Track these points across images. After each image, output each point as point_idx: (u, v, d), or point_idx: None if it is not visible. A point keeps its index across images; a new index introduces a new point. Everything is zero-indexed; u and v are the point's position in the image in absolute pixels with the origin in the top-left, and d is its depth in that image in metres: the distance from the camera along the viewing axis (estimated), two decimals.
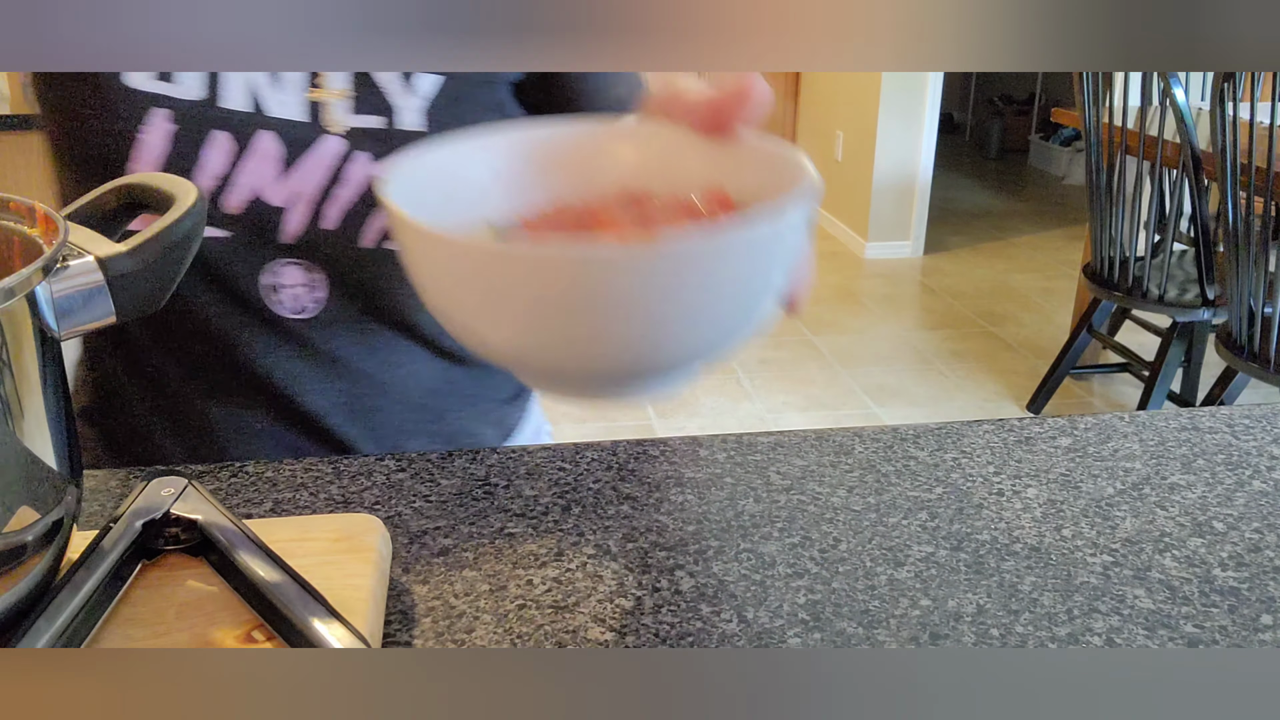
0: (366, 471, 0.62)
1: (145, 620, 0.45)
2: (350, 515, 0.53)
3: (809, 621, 0.48)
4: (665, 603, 0.50)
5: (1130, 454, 0.65)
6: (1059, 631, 0.48)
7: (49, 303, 0.41)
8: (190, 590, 0.47)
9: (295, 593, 0.44)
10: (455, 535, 0.55)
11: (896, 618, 0.49)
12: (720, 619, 0.49)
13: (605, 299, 0.41)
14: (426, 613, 0.49)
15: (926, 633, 0.48)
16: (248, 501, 0.59)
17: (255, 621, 0.44)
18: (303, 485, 0.60)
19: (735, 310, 0.44)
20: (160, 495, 0.50)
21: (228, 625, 0.44)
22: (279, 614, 0.43)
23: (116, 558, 0.46)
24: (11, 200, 0.44)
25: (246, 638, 0.44)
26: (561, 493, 0.60)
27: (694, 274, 0.41)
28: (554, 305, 0.42)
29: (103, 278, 0.42)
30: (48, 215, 0.43)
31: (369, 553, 0.49)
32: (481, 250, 0.41)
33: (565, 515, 0.57)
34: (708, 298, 0.42)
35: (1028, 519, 0.57)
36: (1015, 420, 0.69)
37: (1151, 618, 0.49)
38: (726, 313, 0.44)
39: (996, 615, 0.49)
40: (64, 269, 0.41)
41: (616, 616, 0.49)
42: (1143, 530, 0.56)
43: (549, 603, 0.50)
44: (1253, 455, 0.65)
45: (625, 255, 0.40)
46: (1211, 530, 0.57)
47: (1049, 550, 0.54)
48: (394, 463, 0.63)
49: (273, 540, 0.48)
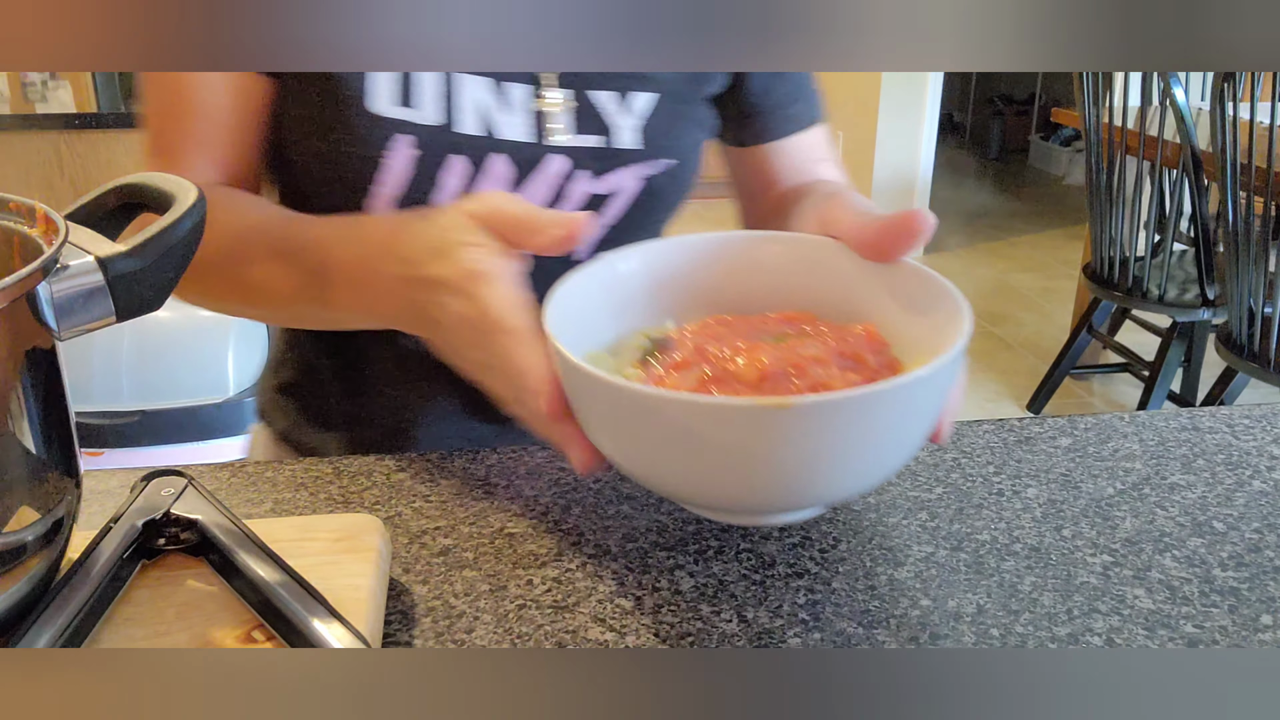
0: (366, 471, 0.62)
1: (145, 620, 0.45)
2: (350, 515, 0.53)
3: (809, 622, 0.48)
4: (665, 603, 0.50)
5: (1130, 454, 0.65)
6: (1059, 631, 0.48)
7: (49, 303, 0.41)
8: (190, 590, 0.47)
9: (295, 593, 0.44)
10: (455, 535, 0.55)
11: (896, 618, 0.49)
12: (720, 619, 0.48)
13: (743, 446, 0.42)
14: (426, 613, 0.49)
15: (926, 633, 0.48)
16: (248, 501, 0.59)
17: (255, 621, 0.44)
18: (302, 485, 0.60)
19: (874, 457, 0.45)
20: (160, 495, 0.50)
21: (228, 625, 0.44)
22: (279, 614, 0.43)
23: (116, 558, 0.46)
24: (11, 200, 0.44)
25: (246, 638, 0.44)
26: (561, 493, 0.60)
27: (831, 429, 0.42)
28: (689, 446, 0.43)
29: (103, 278, 0.42)
30: (47, 215, 0.43)
31: (369, 553, 0.49)
32: (621, 390, 0.43)
33: (565, 515, 0.57)
34: (845, 449, 0.43)
35: (1028, 519, 0.57)
36: (1015, 420, 0.69)
37: (1151, 618, 0.49)
38: (865, 459, 0.44)
39: (996, 615, 0.49)
40: (64, 269, 0.41)
41: (616, 616, 0.49)
42: (1143, 530, 0.56)
43: (549, 603, 0.50)
44: (1253, 455, 0.65)
45: (764, 410, 0.41)
46: (1211, 530, 0.57)
47: (1049, 550, 0.54)
48: (394, 463, 0.63)
49: (273, 540, 0.48)
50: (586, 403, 0.46)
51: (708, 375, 0.47)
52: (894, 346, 0.51)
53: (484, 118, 0.67)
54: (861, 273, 0.54)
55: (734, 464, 0.43)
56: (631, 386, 0.43)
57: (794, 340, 0.50)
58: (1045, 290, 4.20)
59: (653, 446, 0.44)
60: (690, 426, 0.42)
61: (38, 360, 0.41)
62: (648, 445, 0.44)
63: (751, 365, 0.47)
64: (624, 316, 0.55)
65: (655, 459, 0.45)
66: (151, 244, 0.44)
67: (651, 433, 0.43)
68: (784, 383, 0.46)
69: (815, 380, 0.46)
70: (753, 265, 0.56)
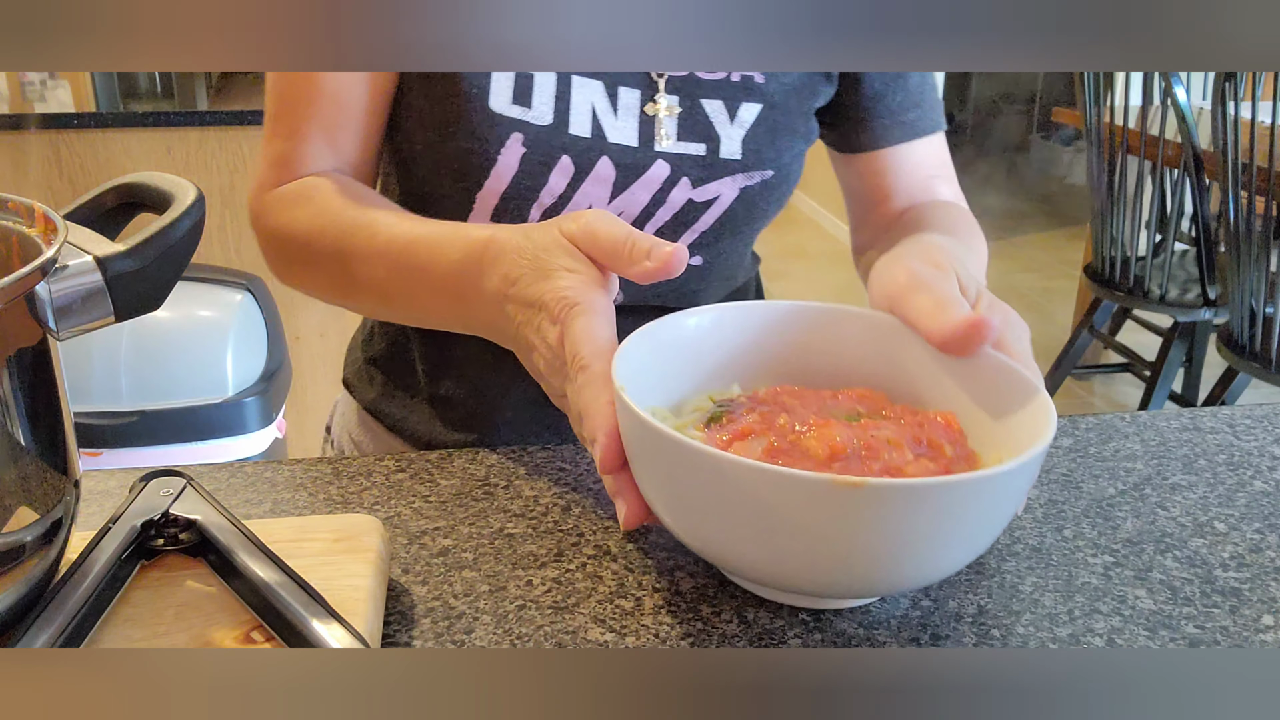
0: (366, 471, 0.62)
1: (144, 620, 0.45)
2: (350, 515, 0.53)
3: (809, 622, 0.48)
4: (665, 603, 0.50)
5: (1131, 454, 0.65)
6: (1060, 632, 0.48)
7: (48, 303, 0.41)
8: (189, 590, 0.46)
9: (294, 593, 0.44)
10: (455, 535, 0.55)
11: (897, 618, 0.49)
12: (720, 619, 0.48)
13: (806, 523, 0.41)
14: (426, 613, 0.49)
15: (927, 633, 0.48)
16: (247, 501, 0.59)
17: (254, 622, 0.44)
18: (302, 485, 0.60)
19: (940, 550, 0.43)
20: (159, 495, 0.50)
21: (227, 625, 0.44)
22: (278, 614, 0.43)
23: (116, 558, 0.46)
24: (10, 200, 0.44)
25: (245, 638, 0.44)
26: (561, 493, 0.59)
27: (901, 515, 0.40)
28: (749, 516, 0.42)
29: (101, 278, 0.42)
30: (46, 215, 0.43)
31: (368, 553, 0.49)
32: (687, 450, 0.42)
33: (565, 515, 0.57)
34: (912, 538, 0.41)
35: (1029, 519, 0.57)
36: None
37: (1153, 618, 0.49)
38: (931, 551, 0.43)
39: (997, 616, 0.49)
40: (63, 269, 0.41)
41: (616, 617, 0.49)
42: (1144, 530, 0.56)
43: (549, 603, 0.50)
44: (1254, 455, 0.65)
45: (836, 487, 0.39)
46: (1213, 530, 0.57)
47: (1050, 550, 0.54)
48: (394, 463, 0.63)
49: (272, 540, 0.48)
50: (647, 458, 0.45)
51: (775, 445, 0.46)
52: (970, 438, 0.50)
53: (595, 120, 0.68)
54: (939, 360, 0.52)
55: (794, 541, 0.42)
56: (699, 446, 0.42)
57: (867, 421, 0.48)
58: (1046, 290, 4.20)
59: (713, 512, 0.43)
60: (755, 496, 0.41)
61: (36, 360, 0.41)
62: (707, 510, 0.43)
63: (823, 441, 0.45)
64: (690, 377, 0.54)
65: (712, 525, 0.44)
66: (150, 244, 0.43)
67: (713, 497, 0.42)
68: (855, 463, 0.45)
69: (889, 464, 0.45)
70: (827, 338, 0.55)
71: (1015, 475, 0.42)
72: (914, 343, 0.53)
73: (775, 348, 0.56)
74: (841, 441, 0.45)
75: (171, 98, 2.22)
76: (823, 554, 0.42)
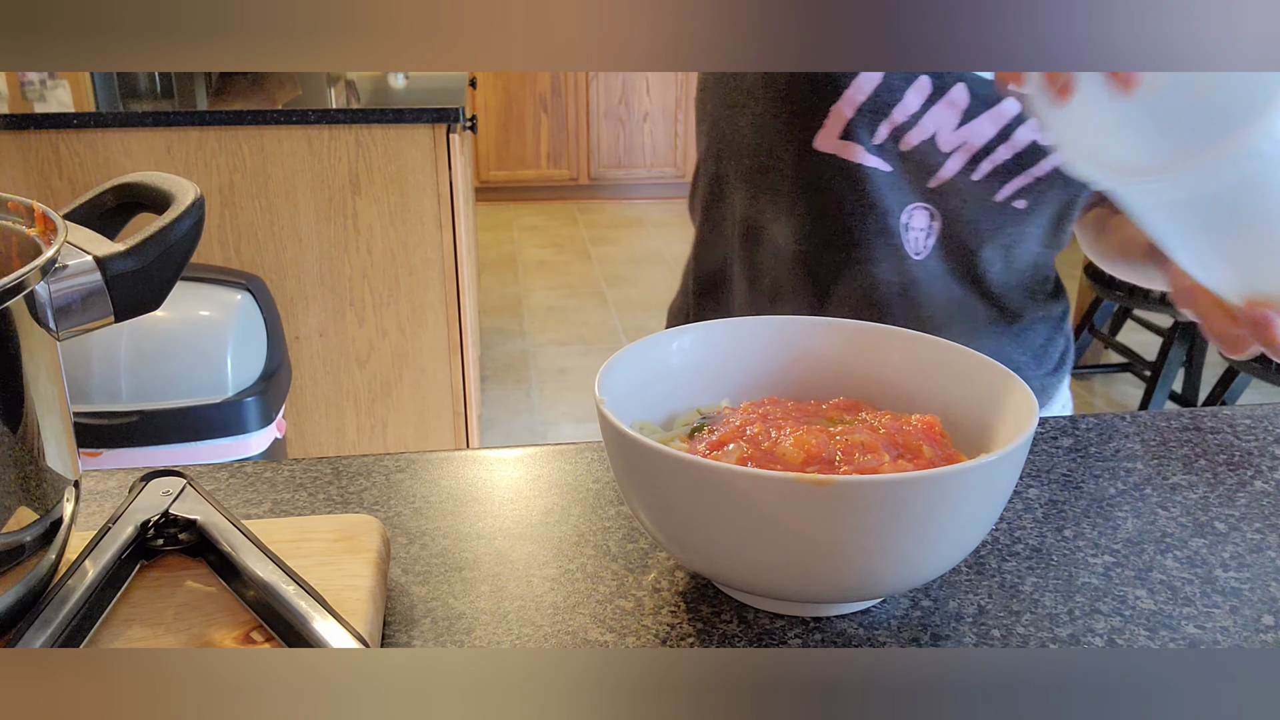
0: (366, 472, 0.62)
1: (144, 620, 0.44)
2: (349, 515, 0.53)
3: (809, 622, 0.48)
4: (665, 603, 0.50)
5: (1132, 454, 0.65)
6: (1060, 632, 0.48)
7: (48, 303, 0.41)
8: (189, 590, 0.46)
9: (294, 593, 0.44)
10: (455, 536, 0.55)
11: (897, 618, 0.49)
12: (720, 619, 0.48)
13: (781, 523, 0.42)
14: (426, 613, 0.49)
15: (927, 633, 0.48)
16: (247, 502, 0.59)
17: (254, 622, 0.44)
18: (302, 485, 0.60)
19: (921, 547, 0.44)
20: (159, 495, 0.49)
21: (226, 625, 0.44)
22: (277, 614, 0.43)
23: (115, 558, 0.46)
24: (10, 200, 0.44)
25: (245, 638, 0.43)
26: (562, 493, 0.59)
27: (871, 512, 0.41)
28: (729, 519, 0.43)
29: (101, 278, 0.42)
30: (46, 215, 0.43)
31: (368, 553, 0.49)
32: (661, 456, 0.43)
33: (565, 515, 0.57)
34: (889, 535, 0.42)
35: (1029, 519, 0.57)
36: None
37: (1153, 618, 0.49)
38: (911, 549, 0.44)
39: (998, 616, 0.49)
40: (62, 269, 0.41)
41: (616, 617, 0.49)
42: (1144, 530, 0.56)
43: (549, 603, 0.50)
44: (1254, 455, 0.65)
45: (802, 485, 0.40)
46: (1213, 530, 0.56)
47: (1050, 550, 0.54)
48: (393, 463, 0.63)
49: (271, 540, 0.48)
50: (629, 470, 0.46)
51: (751, 452, 0.47)
52: (956, 440, 0.51)
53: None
54: (922, 364, 0.54)
55: (772, 543, 0.42)
56: (674, 453, 0.43)
57: (846, 427, 0.50)
58: None
59: (695, 519, 0.44)
60: (731, 499, 0.42)
61: (36, 360, 0.41)
62: (691, 517, 0.44)
63: (798, 447, 0.47)
64: (681, 394, 0.56)
65: (697, 533, 0.45)
66: (150, 243, 0.43)
67: (692, 504, 0.43)
68: (829, 467, 0.46)
69: (862, 466, 0.46)
70: (813, 351, 0.57)
71: (986, 470, 0.42)
72: (895, 350, 0.55)
73: (765, 362, 0.57)
74: (816, 446, 0.47)
75: (171, 98, 2.22)
76: (801, 555, 0.43)
